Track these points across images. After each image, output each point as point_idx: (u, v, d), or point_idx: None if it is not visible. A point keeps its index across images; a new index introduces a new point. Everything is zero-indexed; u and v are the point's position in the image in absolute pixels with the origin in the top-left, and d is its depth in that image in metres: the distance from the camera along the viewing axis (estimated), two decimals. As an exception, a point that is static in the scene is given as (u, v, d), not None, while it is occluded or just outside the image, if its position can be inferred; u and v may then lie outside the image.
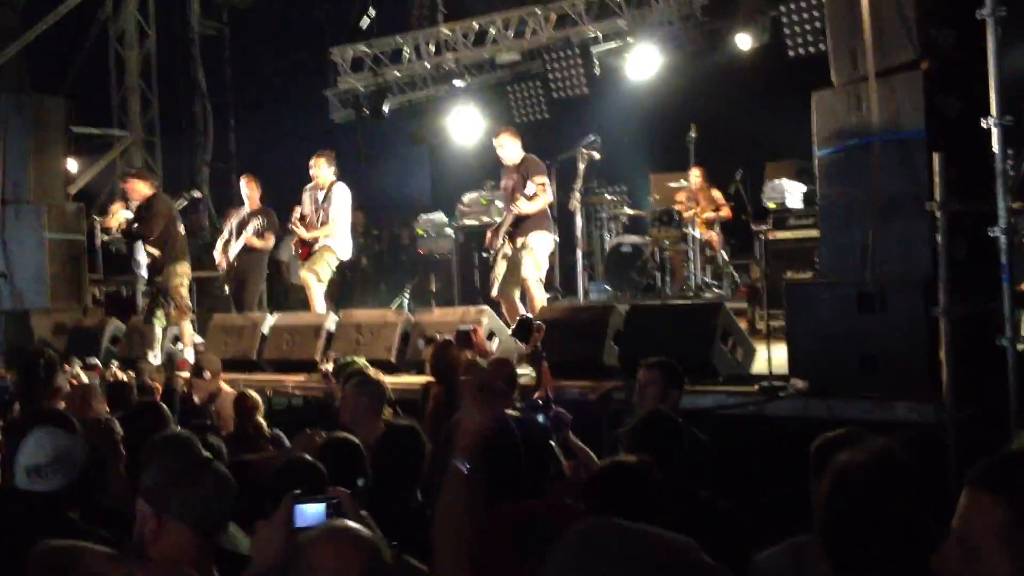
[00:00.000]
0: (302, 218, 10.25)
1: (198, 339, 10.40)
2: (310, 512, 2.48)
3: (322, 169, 10.27)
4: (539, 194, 8.98)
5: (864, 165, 6.64)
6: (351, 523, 2.26)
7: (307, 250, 10.20)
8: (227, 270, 11.16)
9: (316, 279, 10.11)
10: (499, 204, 11.42)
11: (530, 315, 7.73)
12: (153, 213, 10.05)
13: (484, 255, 10.42)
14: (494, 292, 9.29)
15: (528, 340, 6.91)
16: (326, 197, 10.21)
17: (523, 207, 8.94)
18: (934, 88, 6.34)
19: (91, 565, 2.74)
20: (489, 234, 9.50)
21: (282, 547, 2.41)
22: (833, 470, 2.35)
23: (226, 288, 11.27)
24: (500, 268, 9.21)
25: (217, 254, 11.18)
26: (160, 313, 10.01)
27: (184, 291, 10.13)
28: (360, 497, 3.12)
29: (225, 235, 11.19)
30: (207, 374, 7.43)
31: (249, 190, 11.19)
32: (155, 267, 10.20)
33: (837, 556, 2.26)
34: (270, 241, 11.20)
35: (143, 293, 10.38)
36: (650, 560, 1.52)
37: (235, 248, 10.92)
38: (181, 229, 10.37)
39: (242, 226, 11.01)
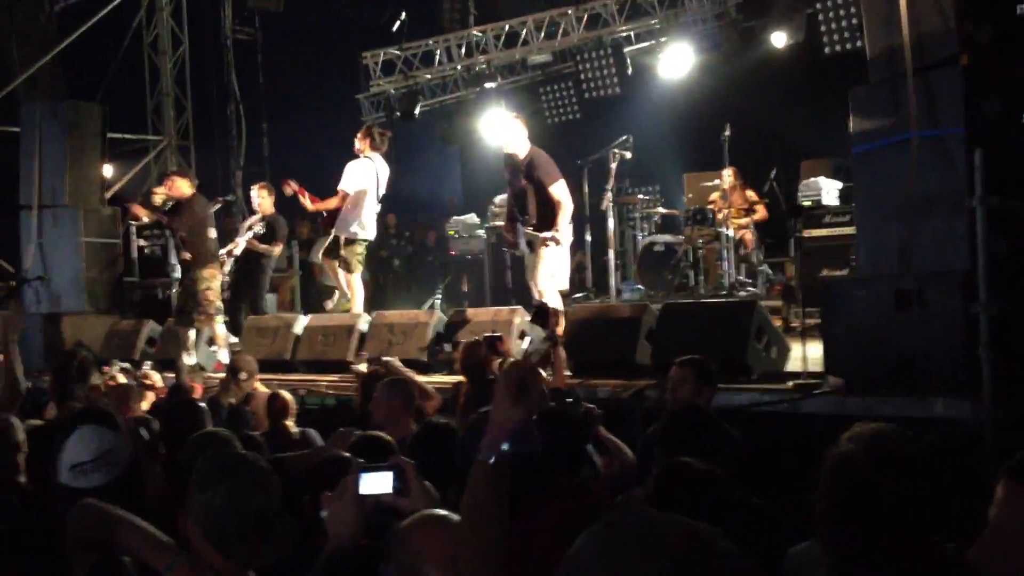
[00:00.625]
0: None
1: (233, 339, 10.43)
2: (376, 479, 2.48)
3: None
4: (560, 207, 8.47)
5: (902, 162, 6.56)
6: (445, 512, 2.27)
7: (328, 219, 10.10)
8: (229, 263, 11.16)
9: (346, 270, 10.03)
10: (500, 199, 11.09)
11: (546, 302, 7.65)
12: (186, 211, 10.07)
13: (505, 250, 10.18)
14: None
15: (546, 325, 6.92)
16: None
17: (560, 235, 8.43)
18: (973, 84, 6.25)
19: (124, 538, 2.74)
20: (505, 233, 9.21)
21: (355, 515, 2.44)
22: (831, 458, 2.32)
23: (225, 294, 11.24)
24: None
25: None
26: (191, 315, 10.05)
27: (212, 295, 10.06)
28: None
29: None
30: (243, 375, 7.43)
31: (260, 198, 11.19)
32: (185, 270, 10.26)
33: (836, 546, 2.23)
34: (275, 249, 11.20)
35: (176, 295, 10.36)
36: (674, 547, 1.49)
37: (237, 253, 10.92)
38: (212, 233, 10.28)
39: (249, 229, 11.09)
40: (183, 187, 10.18)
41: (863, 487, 2.25)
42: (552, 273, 8.60)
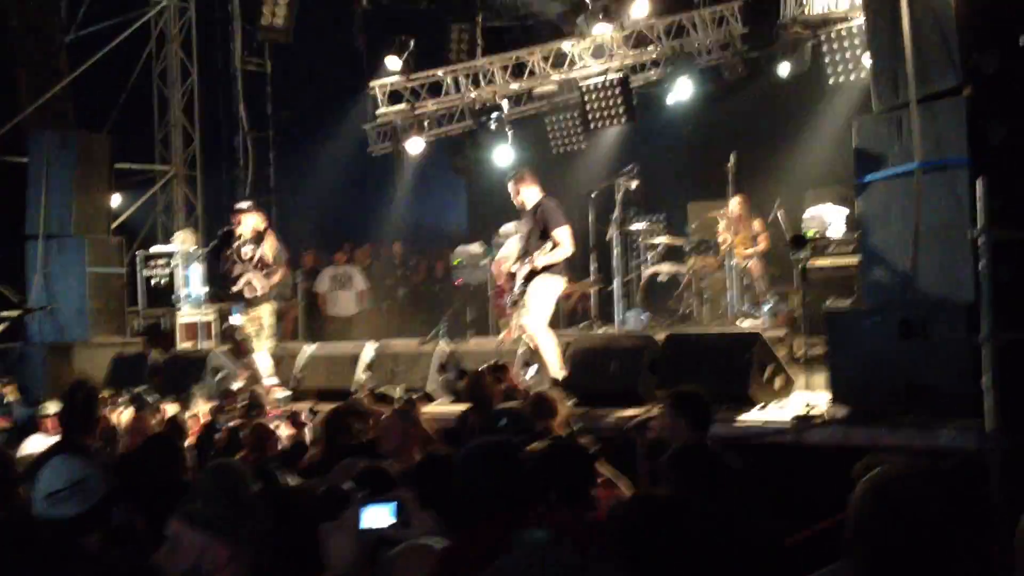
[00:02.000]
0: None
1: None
2: (377, 513, 2.49)
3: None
4: (558, 248, 8.45)
5: (906, 191, 6.55)
6: (433, 540, 2.27)
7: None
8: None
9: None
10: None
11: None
12: (270, 246, 9.95)
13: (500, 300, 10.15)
14: (512, 337, 9.02)
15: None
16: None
17: (539, 262, 8.43)
18: (977, 114, 6.25)
19: None
20: (504, 279, 9.24)
21: (353, 548, 2.45)
22: (867, 483, 2.32)
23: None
24: (516, 318, 8.85)
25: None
26: (262, 341, 9.95)
27: (272, 330, 10.13)
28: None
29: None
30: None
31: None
32: (254, 301, 9.95)
33: (870, 567, 2.23)
34: (278, 275, 11.16)
35: (241, 322, 10.12)
36: None
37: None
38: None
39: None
40: (257, 223, 10.03)
41: (899, 514, 2.27)
42: (539, 306, 8.45)
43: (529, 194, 8.74)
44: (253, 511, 2.80)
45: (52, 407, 7.18)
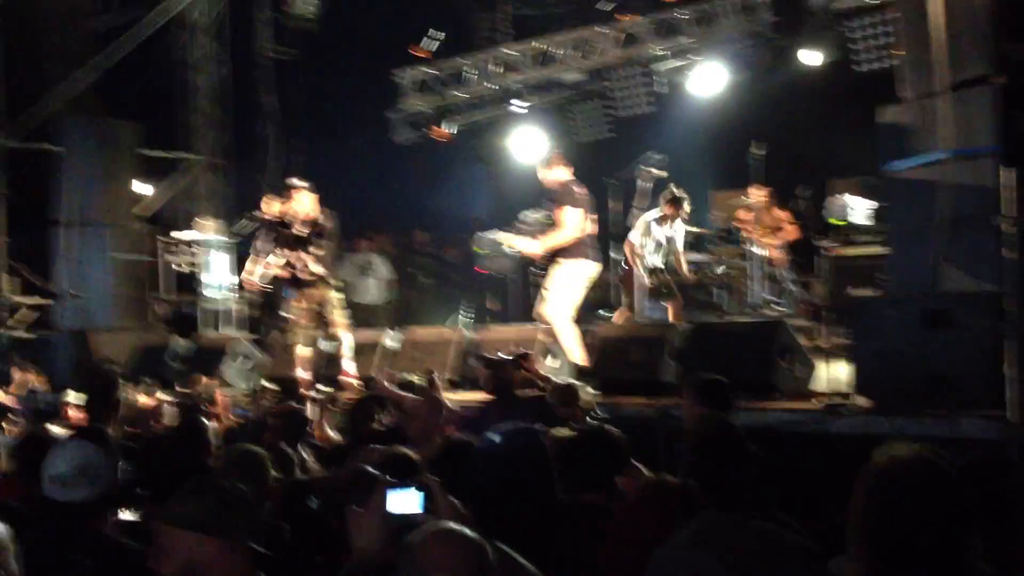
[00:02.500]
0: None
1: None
2: (403, 497, 2.50)
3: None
4: (557, 226, 8.49)
5: (933, 180, 6.50)
6: (456, 525, 2.28)
7: None
8: (254, 293, 11.18)
9: None
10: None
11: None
12: (327, 230, 9.51)
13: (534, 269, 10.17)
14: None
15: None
16: None
17: (527, 247, 8.75)
18: (1007, 103, 6.16)
19: None
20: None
21: (379, 532, 2.46)
22: (871, 469, 2.32)
23: (246, 309, 11.10)
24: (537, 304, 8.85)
25: (245, 276, 11.22)
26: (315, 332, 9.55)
27: (342, 301, 9.63)
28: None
29: (252, 256, 11.24)
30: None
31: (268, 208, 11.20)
32: (310, 283, 9.45)
33: (873, 555, 2.22)
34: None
35: (293, 309, 9.62)
36: (751, 545, 1.56)
37: (260, 271, 10.93)
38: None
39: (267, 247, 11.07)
40: (312, 204, 9.54)
41: (902, 499, 2.27)
42: (557, 294, 8.44)
43: (553, 177, 8.77)
44: (239, 505, 2.80)
45: (72, 394, 7.20)
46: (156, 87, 16.69)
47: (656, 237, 11.01)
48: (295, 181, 9.44)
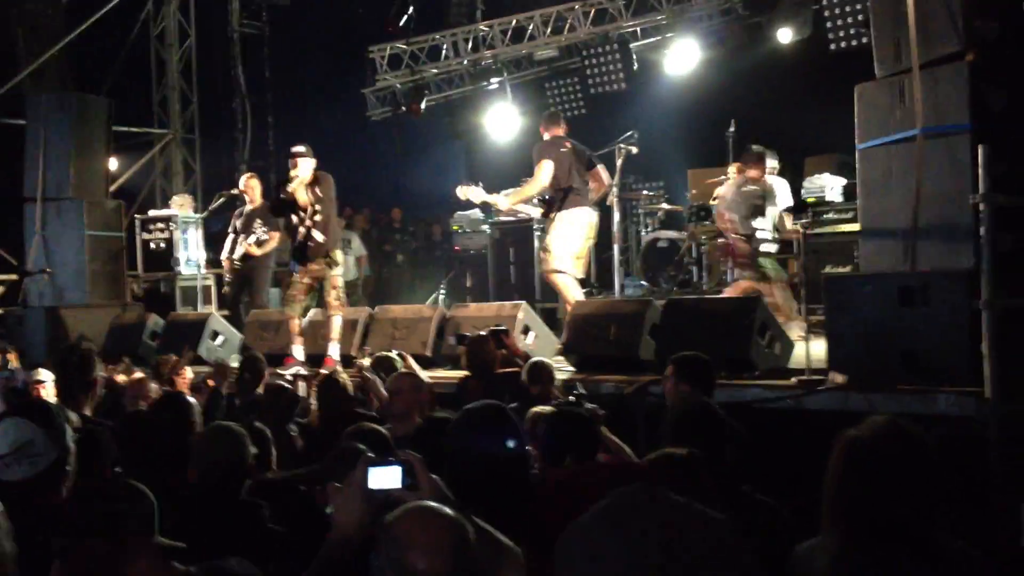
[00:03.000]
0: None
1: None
2: (384, 474, 2.49)
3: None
4: (529, 181, 9.34)
5: (907, 157, 6.54)
6: (435, 503, 2.28)
7: None
8: (231, 272, 11.22)
9: None
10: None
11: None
12: (327, 193, 9.14)
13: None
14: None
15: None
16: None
17: (507, 203, 9.73)
18: (979, 80, 6.23)
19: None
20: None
21: (360, 509, 2.46)
22: (844, 443, 2.34)
23: (225, 288, 11.09)
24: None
25: (224, 254, 11.24)
26: (311, 302, 9.39)
27: (341, 281, 9.39)
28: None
29: (231, 235, 11.24)
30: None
31: (249, 189, 11.21)
32: (315, 253, 9.11)
33: (840, 531, 2.24)
34: (273, 241, 11.18)
35: (294, 284, 9.28)
36: (670, 523, 1.54)
37: (239, 251, 10.99)
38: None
39: (246, 226, 11.07)
40: (312, 163, 9.15)
41: (875, 471, 2.29)
42: (556, 246, 8.99)
43: (544, 135, 9.38)
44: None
45: (44, 373, 7.12)
46: (127, 63, 16.54)
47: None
48: (298, 148, 9.22)
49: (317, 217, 9.02)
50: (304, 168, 9.01)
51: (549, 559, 1.68)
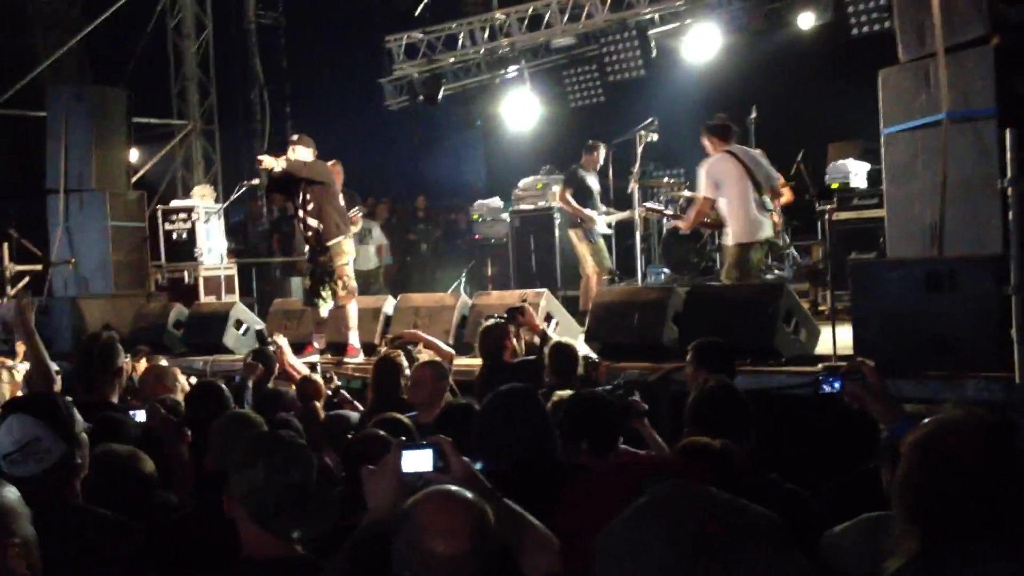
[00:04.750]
0: None
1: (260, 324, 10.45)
2: (417, 457, 2.52)
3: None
4: None
5: (932, 143, 6.51)
6: (455, 487, 2.29)
7: None
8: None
9: None
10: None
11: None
12: (316, 175, 9.11)
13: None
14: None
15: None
16: None
17: None
18: (1005, 64, 6.19)
19: None
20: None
21: (394, 492, 2.47)
22: (927, 437, 2.25)
23: (305, 282, 10.80)
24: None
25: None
26: (327, 293, 9.21)
27: (351, 270, 9.30)
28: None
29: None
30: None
31: (335, 174, 11.03)
32: (318, 242, 9.13)
33: (930, 528, 2.16)
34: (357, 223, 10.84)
35: (309, 272, 9.35)
36: (705, 519, 1.53)
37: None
38: (342, 201, 9.50)
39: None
40: (308, 152, 9.20)
41: (963, 467, 2.16)
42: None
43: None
44: (241, 464, 2.84)
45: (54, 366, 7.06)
46: (144, 55, 16.57)
47: None
48: (293, 136, 9.27)
49: (310, 206, 9.06)
50: (300, 155, 9.09)
51: (580, 549, 1.67)
